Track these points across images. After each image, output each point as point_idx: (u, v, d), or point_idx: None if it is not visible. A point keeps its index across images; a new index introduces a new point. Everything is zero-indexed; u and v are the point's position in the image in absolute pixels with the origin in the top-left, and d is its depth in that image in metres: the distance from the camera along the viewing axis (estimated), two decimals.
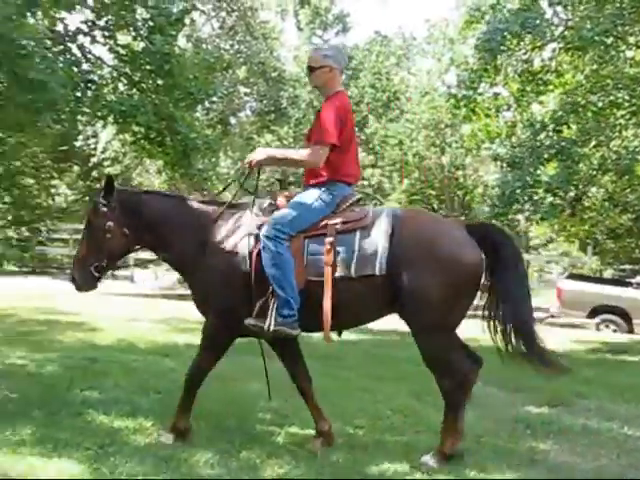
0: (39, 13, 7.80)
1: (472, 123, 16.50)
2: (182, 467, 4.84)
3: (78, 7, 7.85)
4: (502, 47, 13.79)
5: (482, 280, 5.26)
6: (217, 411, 6.11)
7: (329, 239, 5.08)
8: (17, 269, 22.25)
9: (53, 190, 26.91)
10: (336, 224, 5.15)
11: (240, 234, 5.29)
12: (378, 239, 5.06)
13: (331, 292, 5.02)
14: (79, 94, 6.68)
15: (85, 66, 7.90)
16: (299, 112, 27.40)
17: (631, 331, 16.99)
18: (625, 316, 17.47)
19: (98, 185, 24.69)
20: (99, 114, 7.63)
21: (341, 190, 5.34)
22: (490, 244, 5.27)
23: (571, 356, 11.23)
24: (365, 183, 29.94)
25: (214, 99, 23.01)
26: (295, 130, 28.34)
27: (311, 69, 5.52)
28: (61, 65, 6.41)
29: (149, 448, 5.14)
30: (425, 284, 4.98)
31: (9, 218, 18.29)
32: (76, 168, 29.89)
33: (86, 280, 5.39)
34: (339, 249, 5.07)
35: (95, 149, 29.67)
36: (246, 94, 26.27)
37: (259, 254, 5.12)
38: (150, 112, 7.43)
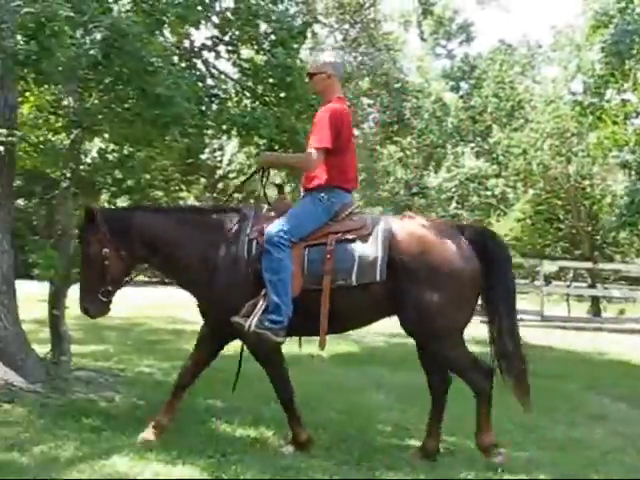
0: (166, 31, 8.05)
1: (598, 131, 16.02)
2: (301, 476, 4.86)
3: (203, 24, 7.99)
4: (631, 51, 13.30)
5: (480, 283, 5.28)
6: (337, 421, 6.14)
7: (329, 248, 5.12)
8: (147, 279, 22.93)
9: (181, 202, 27.62)
10: (336, 233, 5.18)
11: (241, 239, 5.29)
12: (377, 247, 5.10)
13: (330, 300, 5.05)
14: (203, 108, 6.80)
15: (209, 81, 8.05)
16: (422, 123, 27.22)
17: None
18: None
19: (224, 197, 25.26)
20: (223, 127, 7.72)
21: (340, 197, 5.36)
22: (483, 248, 5.29)
23: None
24: (488, 193, 29.46)
25: None
26: (418, 141, 28.18)
27: (310, 75, 5.58)
28: (186, 80, 6.53)
29: (270, 457, 5.18)
30: (425, 293, 5.05)
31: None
32: (203, 180, 30.66)
33: (97, 307, 5.49)
34: (339, 258, 5.10)
35: (221, 162, 30.34)
36: (369, 105, 26.31)
37: (259, 259, 5.14)
38: (272, 125, 7.50)
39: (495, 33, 65.60)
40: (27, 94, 7.28)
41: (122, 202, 21.03)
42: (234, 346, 9.93)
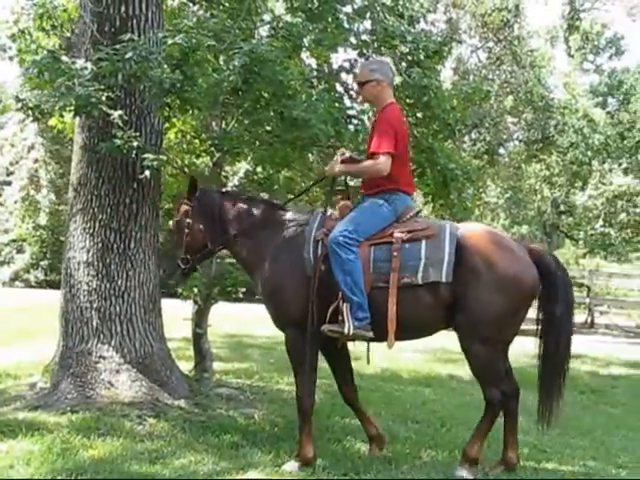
0: (306, 55, 8.22)
1: None
2: None
3: (341, 47, 8.11)
4: None
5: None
6: None
7: (396, 246, 5.14)
8: None
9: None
10: (402, 232, 5.20)
11: (306, 241, 5.37)
12: (444, 248, 5.11)
13: (396, 298, 5.07)
14: (340, 129, 6.89)
15: (347, 102, 8.14)
16: (567, 139, 26.50)
17: None
18: None
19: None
20: (360, 148, 7.80)
21: (403, 200, 5.43)
22: (545, 268, 5.31)
23: None
24: (638, 211, 28.37)
25: (481, 130, 22.99)
26: (563, 159, 27.45)
27: (360, 84, 5.65)
28: (323, 103, 6.64)
29: (403, 477, 5.16)
30: (487, 299, 5.07)
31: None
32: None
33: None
34: (405, 257, 5.12)
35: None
36: (513, 123, 25.91)
37: (324, 260, 5.22)
38: (410, 144, 7.53)
39: None
40: (174, 120, 7.56)
41: None
42: (374, 366, 10.02)
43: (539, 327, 5.45)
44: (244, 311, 16.29)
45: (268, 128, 7.12)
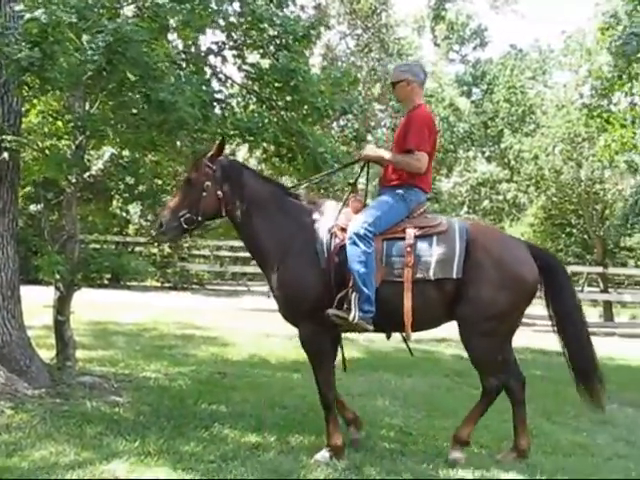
0: (174, 36, 8.06)
1: (607, 134, 16.00)
2: None
3: (210, 29, 7.98)
4: (638, 54, 13.28)
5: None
6: (340, 426, 6.08)
7: (409, 242, 5.31)
8: (159, 285, 22.94)
9: None
10: (415, 228, 5.38)
11: (323, 231, 5.46)
12: (455, 245, 5.31)
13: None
14: (207, 113, 6.79)
15: (216, 85, 8.05)
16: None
17: None
18: None
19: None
20: (230, 133, 7.70)
21: (417, 196, 5.60)
22: (546, 269, 5.59)
23: None
24: (500, 198, 29.46)
25: (349, 116, 23.16)
26: None
27: (393, 84, 5.85)
28: (190, 86, 6.53)
29: (271, 463, 5.15)
30: (492, 295, 5.28)
31: (152, 235, 18.91)
32: None
33: (172, 227, 5.63)
34: (418, 252, 5.30)
35: None
36: (381, 110, 26.27)
37: (338, 252, 5.32)
38: (277, 129, 7.50)
39: (509, 38, 65.53)
40: (34, 101, 7.28)
41: (134, 208, 21.04)
42: (242, 352, 10.00)
43: (555, 324, 5.74)
44: (109, 298, 15.98)
45: (134, 111, 6.91)
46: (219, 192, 5.61)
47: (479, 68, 34.55)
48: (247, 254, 26.49)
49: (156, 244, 20.51)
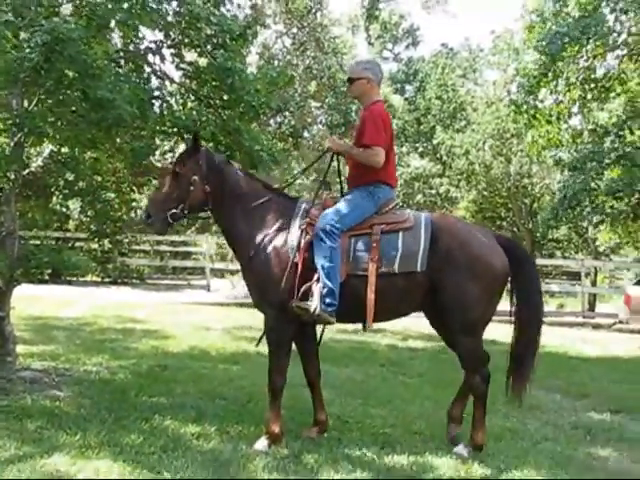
0: (114, 34, 8.09)
1: (533, 130, 16.44)
2: (242, 472, 4.98)
3: (146, 28, 8.03)
4: (563, 53, 13.73)
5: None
6: None
7: (375, 237, 5.51)
8: (100, 280, 22.83)
9: (134, 204, 27.42)
10: (381, 224, 5.57)
11: (295, 226, 5.65)
12: (420, 239, 5.49)
13: (374, 287, 5.42)
14: (145, 110, 6.88)
15: (156, 83, 8.12)
16: None
17: None
18: None
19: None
20: (169, 130, 7.80)
21: (385, 192, 5.78)
22: (514, 258, 5.73)
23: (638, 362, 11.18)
24: (433, 192, 29.95)
25: (286, 113, 23.29)
26: None
27: (351, 80, 5.97)
28: (128, 84, 6.60)
29: (211, 453, 5.29)
30: (463, 286, 5.46)
31: (92, 230, 18.84)
32: (155, 182, 30.44)
33: (160, 221, 5.80)
34: (384, 247, 5.49)
35: (172, 163, 30.13)
36: (317, 108, 26.37)
37: (308, 247, 5.50)
38: (215, 126, 7.61)
39: (440, 38, 66.23)
40: None
41: (74, 204, 20.85)
42: (182, 345, 10.08)
43: (515, 311, 5.91)
44: (50, 293, 15.91)
45: (73, 108, 6.96)
46: (206, 187, 5.78)
47: (411, 66, 35.23)
48: (187, 248, 26.39)
49: (96, 240, 20.35)
